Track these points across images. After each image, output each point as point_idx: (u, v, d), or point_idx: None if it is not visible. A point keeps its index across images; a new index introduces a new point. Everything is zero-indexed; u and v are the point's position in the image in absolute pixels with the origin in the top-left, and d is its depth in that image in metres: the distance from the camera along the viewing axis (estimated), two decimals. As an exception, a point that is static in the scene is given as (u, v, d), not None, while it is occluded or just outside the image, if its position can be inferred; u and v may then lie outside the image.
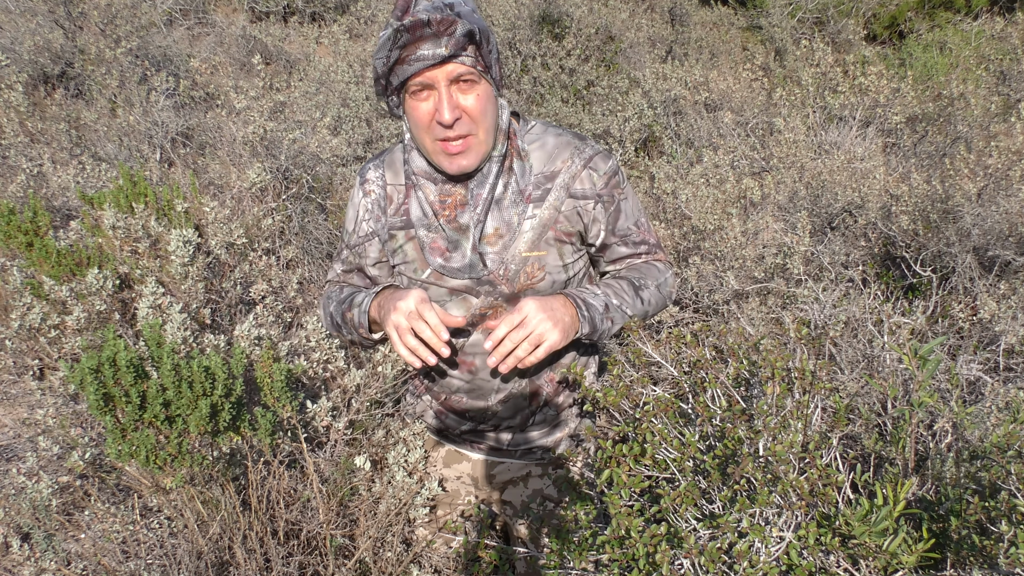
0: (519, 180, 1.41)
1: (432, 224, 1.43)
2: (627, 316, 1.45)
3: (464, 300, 1.45)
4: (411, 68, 1.26)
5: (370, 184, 1.51)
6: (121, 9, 6.12)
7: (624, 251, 1.50)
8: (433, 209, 1.42)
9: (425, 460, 1.70)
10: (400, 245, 1.48)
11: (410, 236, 1.47)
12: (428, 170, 1.42)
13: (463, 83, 1.28)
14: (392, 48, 1.25)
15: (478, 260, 1.41)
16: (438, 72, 1.26)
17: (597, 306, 1.41)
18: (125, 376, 1.37)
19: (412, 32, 1.23)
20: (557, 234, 1.43)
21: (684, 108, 5.68)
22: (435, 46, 1.24)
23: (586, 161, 1.42)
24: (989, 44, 7.18)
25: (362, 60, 6.56)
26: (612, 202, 1.45)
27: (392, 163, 1.50)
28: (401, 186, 1.48)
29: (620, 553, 1.10)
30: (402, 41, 1.24)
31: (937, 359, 1.18)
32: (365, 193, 1.51)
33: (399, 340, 1.32)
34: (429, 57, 1.24)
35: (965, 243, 3.14)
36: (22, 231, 2.74)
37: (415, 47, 1.24)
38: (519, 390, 1.52)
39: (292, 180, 4.12)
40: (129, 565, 1.58)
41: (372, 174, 1.51)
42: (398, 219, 1.48)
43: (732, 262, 3.23)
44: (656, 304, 1.52)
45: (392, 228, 1.49)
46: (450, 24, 1.23)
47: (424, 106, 1.30)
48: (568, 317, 1.35)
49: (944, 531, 1.13)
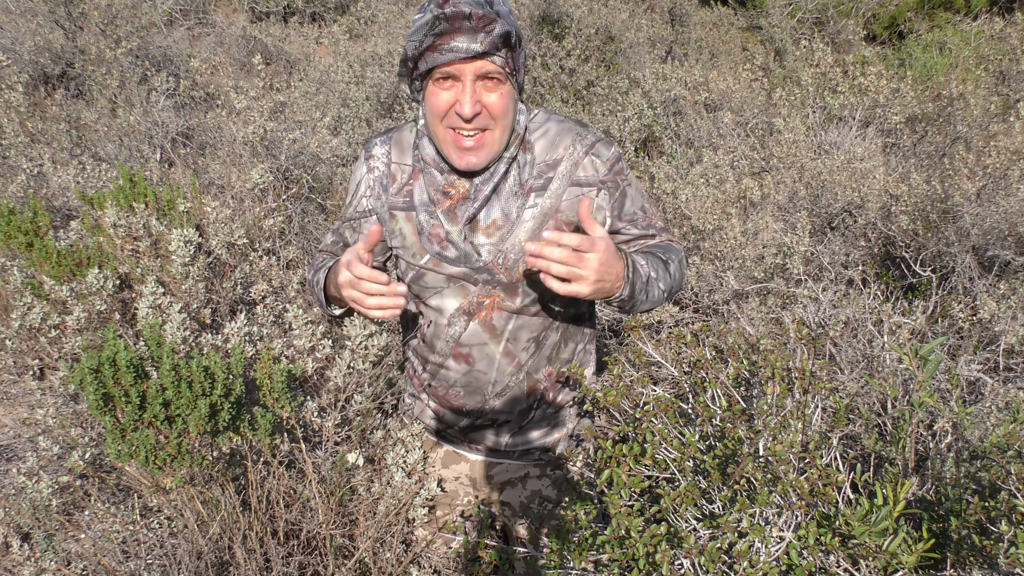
0: (521, 172, 1.42)
1: (433, 211, 1.43)
2: (660, 292, 1.40)
3: (462, 287, 1.45)
4: (442, 58, 1.25)
5: (375, 160, 1.50)
6: (121, 9, 6.12)
7: (635, 232, 1.48)
8: (435, 198, 1.43)
9: (424, 461, 1.70)
10: (399, 226, 1.48)
11: (410, 219, 1.46)
12: (437, 159, 1.42)
13: (489, 81, 1.29)
14: (428, 34, 1.25)
15: (472, 251, 1.42)
16: (468, 67, 1.26)
17: (642, 275, 1.35)
18: (125, 376, 1.37)
19: (451, 22, 1.22)
20: (558, 223, 1.42)
21: (684, 108, 5.68)
22: (471, 40, 1.24)
23: (588, 148, 1.42)
24: (988, 44, 7.18)
25: (362, 60, 6.56)
26: (617, 188, 1.44)
27: (400, 141, 1.49)
28: (407, 166, 1.47)
29: (620, 553, 1.10)
30: (439, 29, 1.24)
31: (937, 359, 1.18)
32: (369, 169, 1.50)
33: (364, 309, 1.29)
34: (463, 50, 1.24)
35: (964, 243, 3.14)
36: (22, 231, 2.74)
37: (450, 37, 1.24)
38: (516, 386, 1.52)
39: (292, 180, 4.12)
40: (129, 565, 1.58)
41: (378, 150, 1.50)
42: (400, 199, 1.47)
43: (732, 262, 3.23)
44: (679, 281, 1.48)
45: (393, 208, 1.48)
46: (490, 22, 1.23)
47: (445, 95, 1.30)
48: (612, 279, 1.27)
49: (944, 531, 1.13)
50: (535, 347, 1.50)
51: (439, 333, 1.50)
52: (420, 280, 1.48)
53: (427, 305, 1.49)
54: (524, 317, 1.46)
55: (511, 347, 1.48)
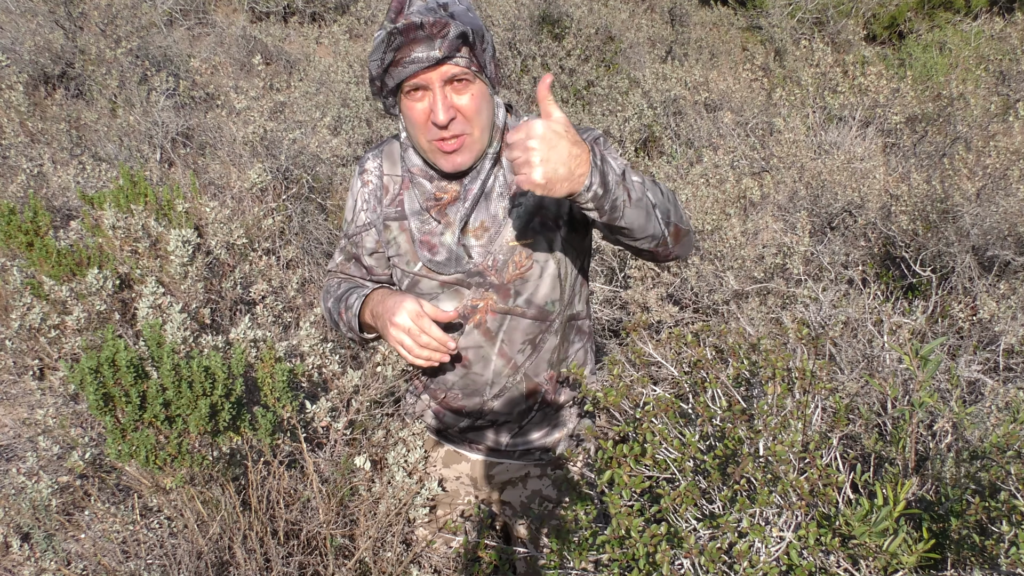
0: (507, 173, 1.43)
1: (424, 218, 1.44)
2: (651, 205, 1.24)
3: (456, 292, 1.46)
4: (405, 71, 1.27)
5: (368, 174, 1.53)
6: (121, 9, 6.12)
7: None
8: (426, 205, 1.44)
9: (425, 460, 1.70)
10: (394, 236, 1.50)
11: (403, 228, 1.48)
12: (424, 168, 1.44)
13: (457, 83, 1.30)
14: (386, 51, 1.26)
15: (463, 253, 1.43)
16: (432, 74, 1.27)
17: (615, 168, 1.20)
18: (125, 376, 1.37)
19: (406, 35, 1.24)
20: (544, 220, 1.43)
21: (684, 108, 5.69)
22: (429, 48, 1.24)
23: None
24: (988, 44, 7.18)
25: (362, 60, 6.56)
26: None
27: (390, 154, 1.52)
28: (398, 176, 1.50)
29: (620, 553, 1.10)
30: (396, 44, 1.25)
31: (937, 359, 1.18)
32: (363, 183, 1.53)
33: (411, 356, 1.38)
34: (423, 59, 1.25)
35: (964, 243, 3.14)
36: (22, 231, 2.74)
37: (409, 49, 1.25)
38: (515, 387, 1.52)
39: (292, 180, 4.12)
40: (129, 565, 1.58)
41: (370, 164, 1.53)
42: (392, 209, 1.50)
43: (732, 262, 3.23)
44: (675, 205, 1.32)
45: (387, 218, 1.50)
46: (443, 26, 1.23)
47: (419, 106, 1.31)
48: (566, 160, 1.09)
49: (944, 531, 1.13)
50: (531, 349, 1.50)
51: None
52: (415, 287, 1.50)
53: None
54: (517, 318, 1.47)
55: (506, 348, 1.49)
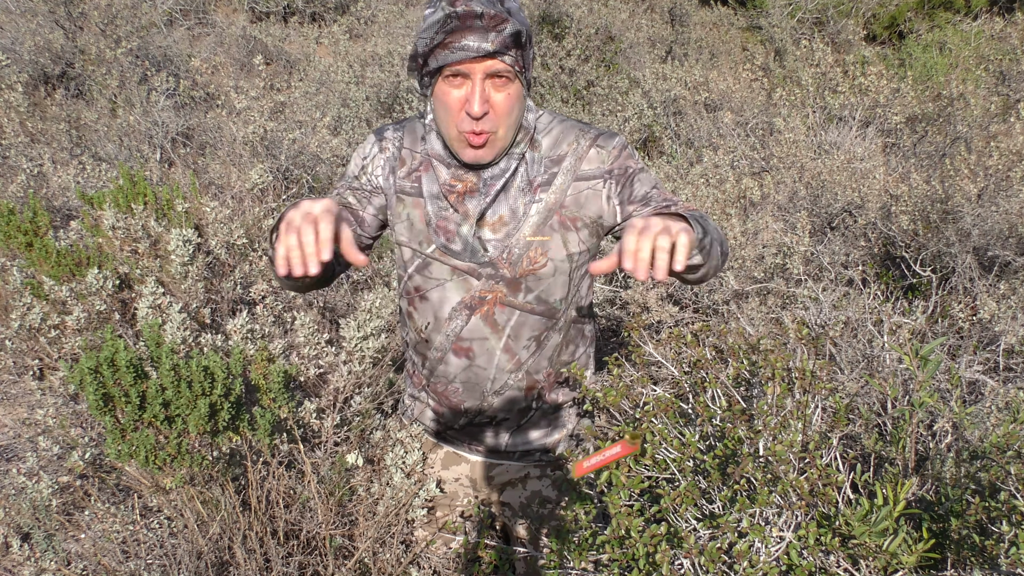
0: (529, 169, 1.43)
1: (443, 204, 1.44)
2: (716, 243, 1.25)
3: (465, 281, 1.46)
4: (453, 56, 1.26)
5: (387, 142, 1.50)
6: (121, 9, 6.12)
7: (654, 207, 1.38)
8: (443, 192, 1.44)
9: (423, 462, 1.70)
10: (407, 211, 1.48)
11: (418, 205, 1.47)
12: (443, 154, 1.43)
13: (498, 79, 1.29)
14: (439, 31, 1.25)
15: (479, 245, 1.42)
16: (478, 65, 1.27)
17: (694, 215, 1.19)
18: (125, 376, 1.37)
19: (463, 20, 1.23)
20: (562, 219, 1.43)
21: (684, 108, 5.69)
22: (481, 39, 1.24)
23: (592, 141, 1.43)
24: (989, 44, 7.18)
25: (362, 60, 6.56)
26: (624, 174, 1.43)
27: (412, 130, 1.50)
28: (418, 154, 1.48)
29: (620, 553, 1.10)
30: (451, 27, 1.24)
31: (937, 359, 1.18)
32: (381, 149, 1.50)
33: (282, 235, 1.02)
34: (473, 49, 1.24)
35: (965, 243, 3.14)
36: (22, 231, 2.74)
37: (461, 35, 1.24)
38: (515, 384, 1.52)
39: (292, 180, 4.12)
40: (129, 565, 1.58)
41: (390, 133, 1.51)
42: (408, 184, 1.48)
43: (731, 262, 3.23)
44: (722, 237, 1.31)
45: (401, 191, 1.48)
46: (501, 21, 1.23)
47: (456, 93, 1.31)
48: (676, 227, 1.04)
49: (944, 531, 1.13)
50: (536, 346, 1.50)
51: (439, 327, 1.50)
52: (425, 270, 1.48)
53: (426, 298, 1.49)
54: (526, 314, 1.47)
55: (512, 344, 1.48)
